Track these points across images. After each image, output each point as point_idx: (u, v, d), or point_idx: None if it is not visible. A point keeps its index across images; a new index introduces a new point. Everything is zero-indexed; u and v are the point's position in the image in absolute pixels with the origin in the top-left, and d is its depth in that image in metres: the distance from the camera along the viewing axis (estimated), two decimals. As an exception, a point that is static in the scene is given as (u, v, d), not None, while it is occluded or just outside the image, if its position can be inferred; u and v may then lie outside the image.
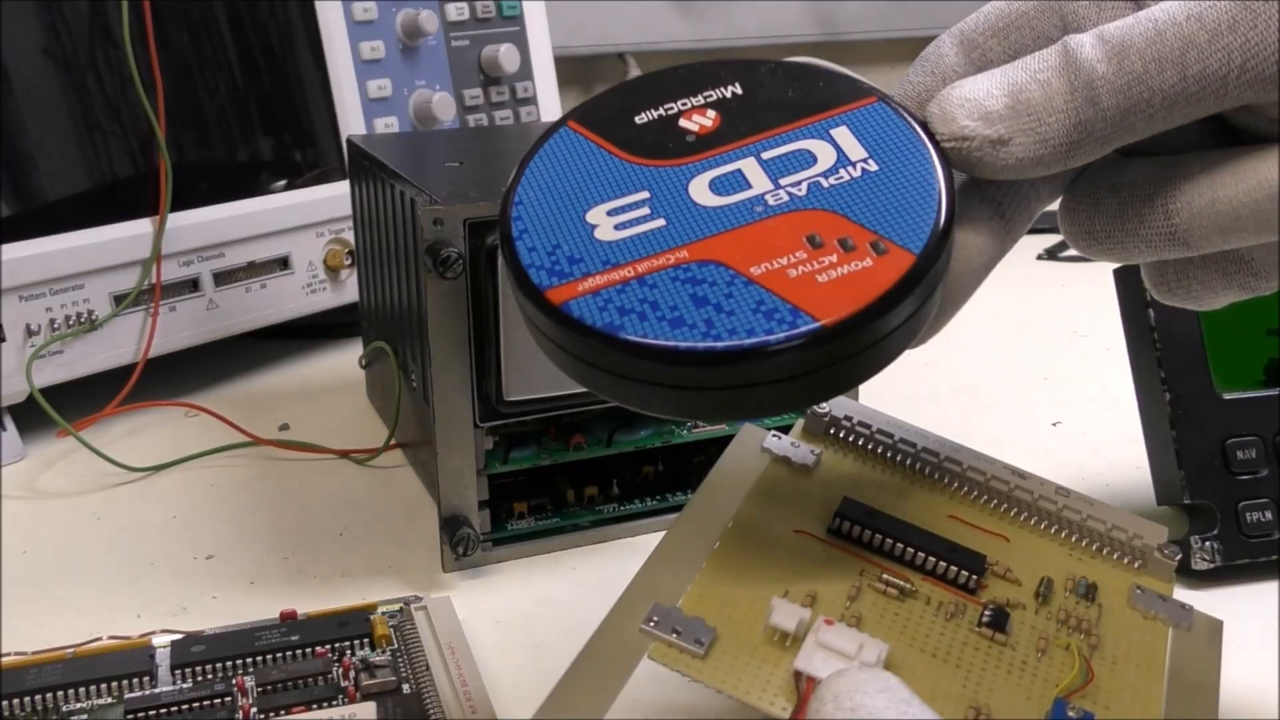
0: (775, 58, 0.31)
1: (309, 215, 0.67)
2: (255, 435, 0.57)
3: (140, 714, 0.34)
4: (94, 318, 0.58)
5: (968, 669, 0.29)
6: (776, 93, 0.30)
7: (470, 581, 0.44)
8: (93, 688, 0.35)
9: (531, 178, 0.30)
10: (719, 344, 0.25)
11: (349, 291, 0.69)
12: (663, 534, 0.32)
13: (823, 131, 0.29)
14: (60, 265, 0.56)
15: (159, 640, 0.37)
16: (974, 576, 0.31)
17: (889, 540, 0.32)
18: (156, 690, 0.35)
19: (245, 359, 0.70)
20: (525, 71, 0.78)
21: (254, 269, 0.65)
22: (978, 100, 0.28)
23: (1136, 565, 0.34)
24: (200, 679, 0.36)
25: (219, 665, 0.36)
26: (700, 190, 0.28)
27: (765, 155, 0.29)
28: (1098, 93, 0.26)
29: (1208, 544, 0.42)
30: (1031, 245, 0.88)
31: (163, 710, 0.34)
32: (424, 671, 0.36)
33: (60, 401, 0.56)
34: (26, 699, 0.35)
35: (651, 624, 0.29)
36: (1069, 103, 0.27)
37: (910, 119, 0.29)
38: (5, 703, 0.34)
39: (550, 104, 0.79)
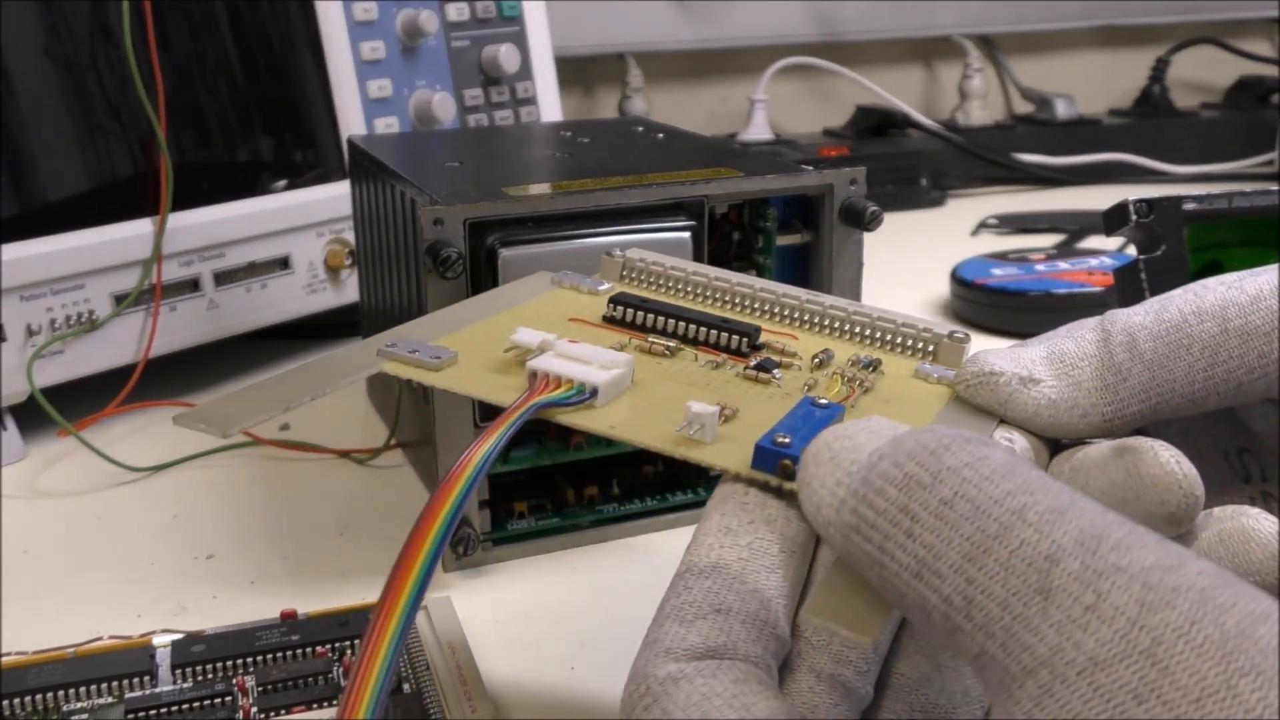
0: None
1: (309, 215, 0.67)
2: (255, 435, 0.57)
3: (141, 713, 0.34)
4: (94, 318, 0.58)
5: (724, 395, 0.28)
6: None
7: (470, 581, 0.44)
8: (93, 687, 0.35)
9: None
10: None
11: (349, 291, 0.69)
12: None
13: None
14: (61, 265, 0.56)
15: (159, 640, 0.37)
16: (746, 340, 0.30)
17: (662, 318, 0.31)
18: (157, 690, 0.35)
19: (245, 359, 0.70)
20: (525, 72, 0.78)
21: (254, 269, 0.65)
22: (1014, 352, 0.28)
23: (931, 352, 0.32)
24: (201, 679, 0.36)
25: (219, 665, 0.36)
26: None
27: None
28: (1136, 338, 0.26)
29: (1207, 544, 0.42)
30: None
31: (163, 710, 0.34)
32: (424, 671, 0.36)
33: (61, 401, 0.56)
34: (27, 699, 0.35)
35: (390, 347, 0.28)
36: (1102, 349, 0.27)
37: None
38: (5, 703, 0.34)
39: (550, 104, 0.79)
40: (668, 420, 0.26)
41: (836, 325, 0.33)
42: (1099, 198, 1.02)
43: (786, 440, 0.24)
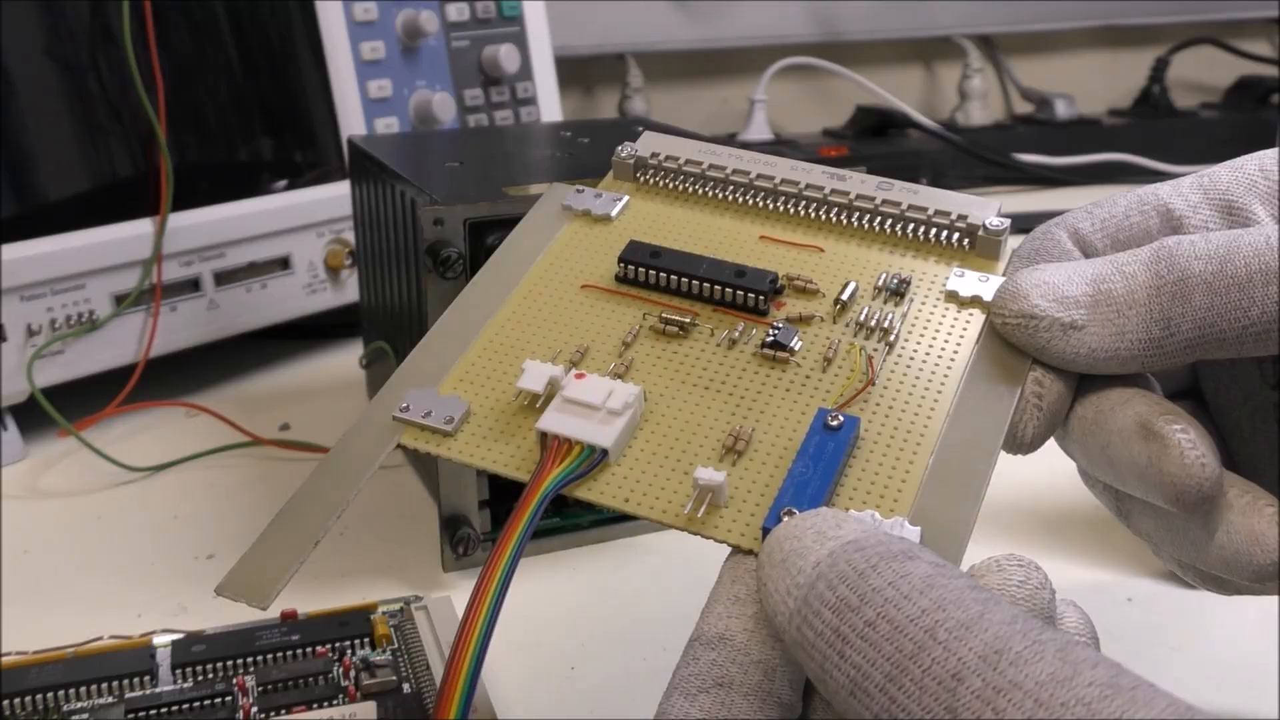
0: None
1: (309, 215, 0.67)
2: (255, 435, 0.57)
3: (141, 713, 0.34)
4: (95, 318, 0.58)
5: (740, 395, 0.28)
6: None
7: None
8: (93, 687, 0.35)
9: None
10: None
11: (349, 291, 0.69)
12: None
13: None
14: (61, 265, 0.57)
15: (160, 640, 0.37)
16: (761, 297, 0.29)
17: (673, 276, 0.30)
18: (157, 690, 0.35)
19: (245, 359, 0.70)
20: (525, 72, 0.78)
21: (254, 269, 0.65)
22: (1056, 284, 0.26)
23: (966, 247, 0.31)
24: (201, 678, 0.36)
25: (220, 665, 0.36)
26: None
27: None
28: (1191, 290, 0.25)
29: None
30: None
31: (164, 710, 0.34)
32: (424, 671, 0.36)
33: (61, 401, 0.56)
34: (27, 698, 0.35)
35: (404, 411, 0.28)
36: (1153, 297, 0.25)
37: None
38: (6, 702, 0.34)
39: (550, 104, 0.79)
40: (683, 470, 0.26)
41: (864, 219, 0.32)
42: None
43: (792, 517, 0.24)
